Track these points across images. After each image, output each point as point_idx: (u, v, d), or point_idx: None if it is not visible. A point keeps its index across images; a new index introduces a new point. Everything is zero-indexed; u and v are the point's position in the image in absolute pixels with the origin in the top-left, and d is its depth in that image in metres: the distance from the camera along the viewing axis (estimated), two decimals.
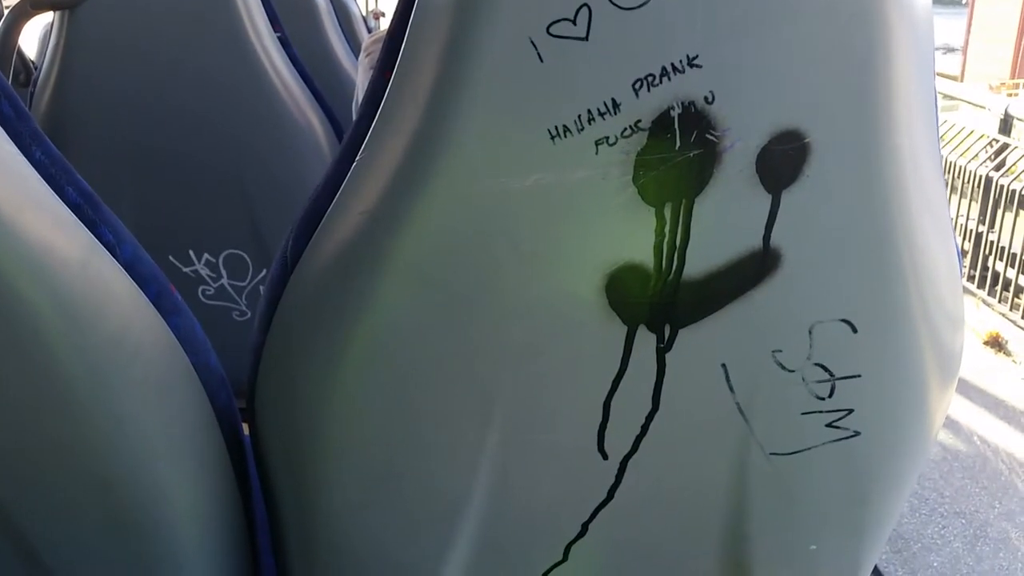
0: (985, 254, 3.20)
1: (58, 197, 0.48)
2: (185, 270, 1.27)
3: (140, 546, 0.51)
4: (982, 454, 2.28)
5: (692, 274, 0.46)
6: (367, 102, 0.50)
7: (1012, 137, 3.31)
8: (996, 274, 3.15)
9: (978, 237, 3.22)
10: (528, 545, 0.58)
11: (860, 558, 0.62)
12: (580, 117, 0.42)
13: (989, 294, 3.16)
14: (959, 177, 3.31)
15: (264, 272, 1.28)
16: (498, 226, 0.45)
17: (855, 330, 0.49)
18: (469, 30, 0.41)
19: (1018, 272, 3.04)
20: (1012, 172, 3.07)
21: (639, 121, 0.42)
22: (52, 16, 1.17)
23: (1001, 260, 3.13)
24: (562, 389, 0.51)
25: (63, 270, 0.44)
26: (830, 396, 0.52)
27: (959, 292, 0.55)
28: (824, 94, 0.43)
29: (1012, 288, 3.07)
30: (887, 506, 0.59)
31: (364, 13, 3.30)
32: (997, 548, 1.93)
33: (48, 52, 1.15)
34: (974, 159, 3.25)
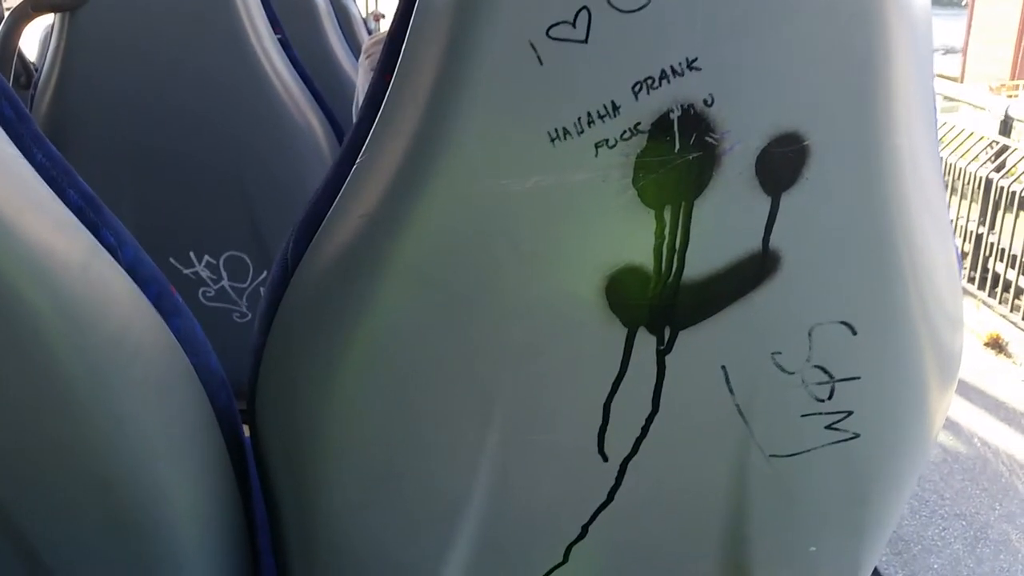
0: (985, 256, 3.20)
1: (60, 199, 0.48)
2: (186, 272, 1.27)
3: (140, 546, 0.51)
4: (982, 456, 2.28)
5: (692, 276, 0.46)
6: (367, 105, 0.50)
7: (1012, 139, 3.31)
8: (996, 276, 3.15)
9: (978, 239, 3.22)
10: (528, 546, 0.58)
11: (860, 560, 0.62)
12: (580, 119, 0.42)
13: (989, 295, 3.16)
14: (959, 179, 3.31)
15: (264, 274, 1.28)
16: (498, 227, 0.45)
17: (854, 332, 0.49)
18: (469, 32, 0.41)
19: (1018, 274, 3.04)
20: (1012, 174, 3.07)
21: (639, 123, 0.42)
22: (53, 18, 1.17)
23: (1001, 262, 3.13)
24: (562, 390, 0.51)
25: (64, 272, 0.44)
26: (830, 398, 0.52)
27: (958, 292, 0.55)
28: (823, 95, 0.43)
29: (1012, 290, 3.07)
30: (887, 508, 0.59)
31: (364, 15, 3.30)
32: (997, 550, 1.92)
33: (49, 54, 1.15)
34: (974, 161, 3.26)
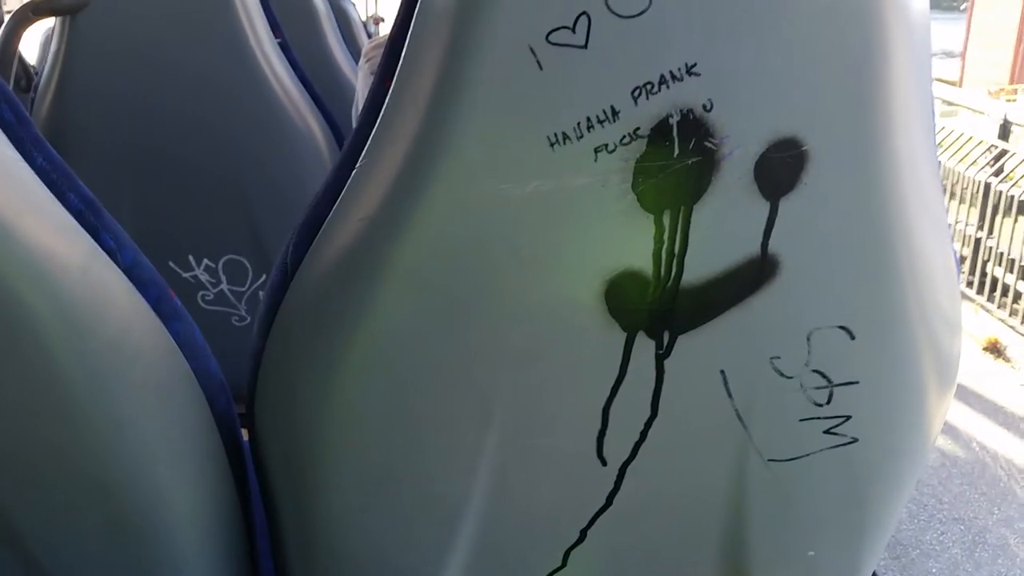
0: (984, 260, 3.21)
1: (60, 203, 0.48)
2: (185, 275, 1.27)
3: (139, 550, 0.51)
4: (981, 460, 2.28)
5: (691, 281, 0.47)
6: (367, 109, 0.50)
7: (1011, 143, 3.31)
8: (995, 280, 3.15)
9: (977, 243, 3.22)
10: (527, 550, 0.58)
11: (859, 564, 0.62)
12: (579, 124, 0.42)
13: (988, 300, 3.16)
14: (958, 183, 3.31)
15: (263, 278, 1.28)
16: (498, 232, 0.45)
17: (853, 336, 0.49)
18: (469, 37, 0.42)
19: (1017, 278, 3.05)
20: (1011, 178, 3.08)
21: (638, 129, 0.42)
22: (53, 22, 1.17)
23: (1000, 266, 3.13)
24: (561, 395, 0.51)
25: (64, 275, 0.44)
26: (828, 403, 0.52)
27: (957, 296, 0.55)
28: (822, 99, 0.43)
29: (1011, 294, 3.07)
30: (885, 512, 0.59)
31: (364, 18, 3.30)
32: (996, 554, 1.92)
33: (49, 58, 1.15)
34: (973, 165, 3.26)
